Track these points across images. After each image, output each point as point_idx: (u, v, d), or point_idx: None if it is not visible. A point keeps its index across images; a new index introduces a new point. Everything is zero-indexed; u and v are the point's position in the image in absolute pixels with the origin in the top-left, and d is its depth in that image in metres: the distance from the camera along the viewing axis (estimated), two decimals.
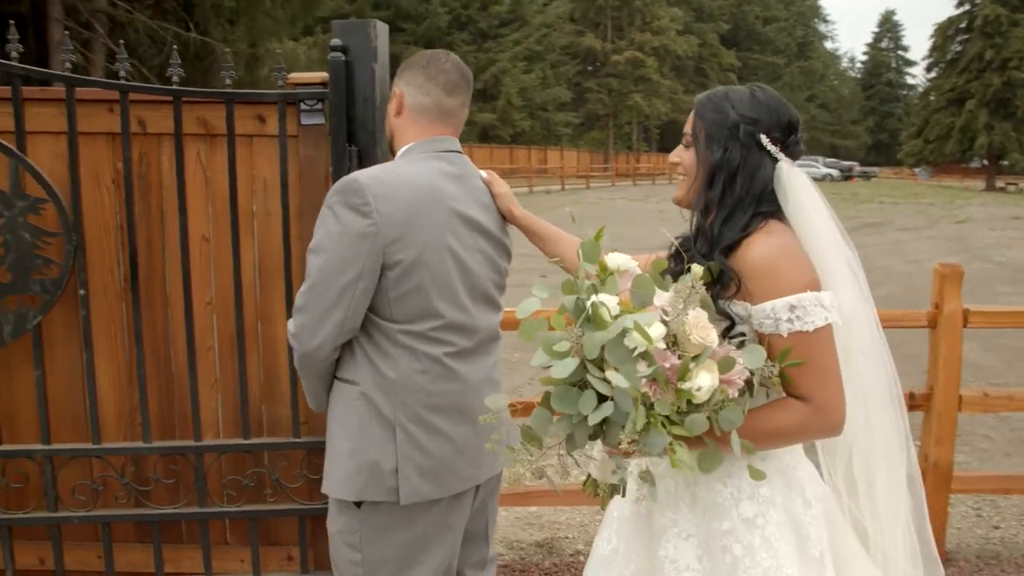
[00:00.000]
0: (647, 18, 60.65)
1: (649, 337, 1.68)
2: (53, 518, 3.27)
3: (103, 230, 3.29)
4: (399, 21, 51.82)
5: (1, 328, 3.18)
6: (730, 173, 1.97)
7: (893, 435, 2.08)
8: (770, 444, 1.93)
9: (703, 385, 1.70)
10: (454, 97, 2.33)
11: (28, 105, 3.20)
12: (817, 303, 1.86)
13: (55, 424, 3.31)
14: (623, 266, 1.86)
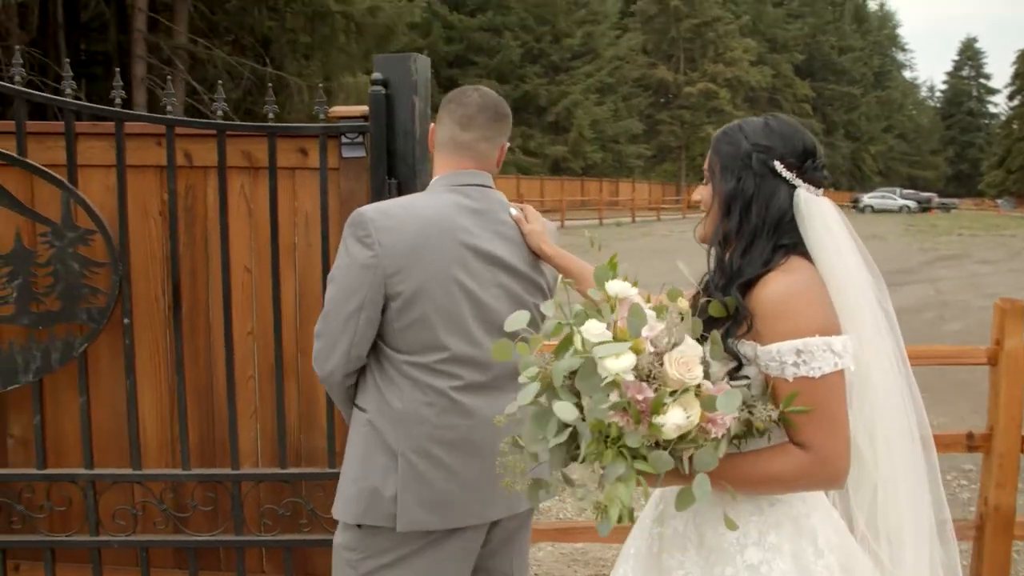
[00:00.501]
0: (720, 49, 60.42)
1: (609, 369, 1.66)
2: (94, 542, 3.33)
3: (150, 260, 3.36)
4: (471, 55, 52.49)
5: (49, 355, 3.27)
6: (745, 202, 1.93)
7: (915, 480, 1.99)
8: (764, 490, 1.88)
9: (668, 422, 1.65)
10: (469, 131, 2.37)
11: (81, 139, 3.31)
12: (826, 348, 1.80)
13: (100, 449, 3.39)
14: (622, 294, 1.81)
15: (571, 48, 52.93)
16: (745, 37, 64.27)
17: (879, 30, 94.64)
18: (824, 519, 1.97)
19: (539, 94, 51.28)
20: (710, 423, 1.69)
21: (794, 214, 1.93)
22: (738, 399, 1.72)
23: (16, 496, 3.36)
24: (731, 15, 62.46)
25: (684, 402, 1.68)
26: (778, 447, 1.84)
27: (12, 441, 3.45)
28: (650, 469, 1.67)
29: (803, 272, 1.88)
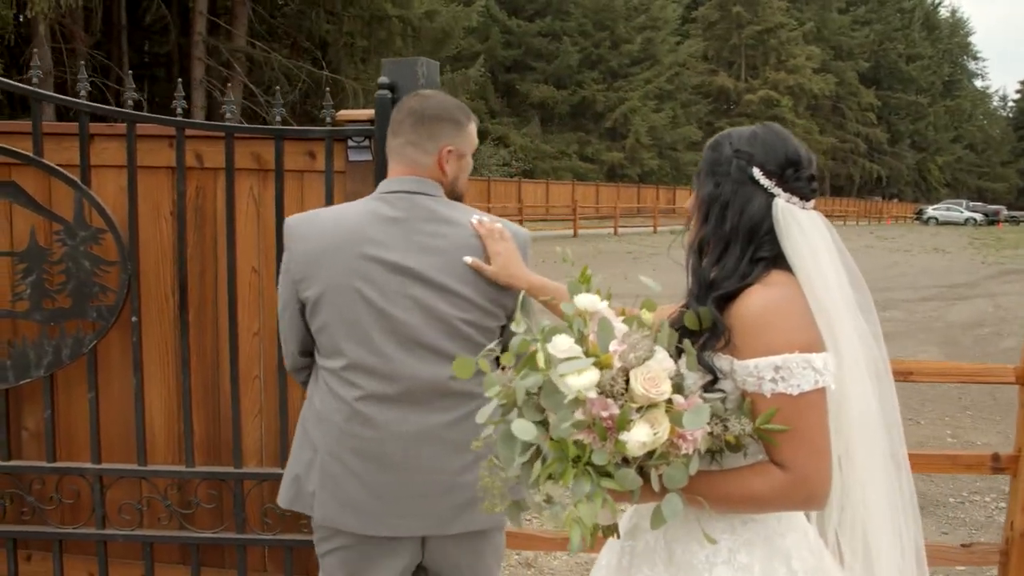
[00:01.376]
0: (782, 56, 59.74)
1: (568, 387, 1.64)
2: (100, 535, 3.40)
3: (161, 260, 3.42)
4: (529, 60, 52.65)
5: (60, 351, 3.34)
6: (720, 207, 1.90)
7: (890, 503, 1.92)
8: (740, 508, 1.84)
9: (632, 439, 1.62)
10: (396, 137, 2.41)
11: (96, 140, 3.38)
12: (806, 365, 1.75)
13: (109, 445, 3.45)
14: (590, 308, 1.79)
15: (630, 54, 52.83)
16: (809, 44, 63.45)
17: (950, 38, 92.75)
18: (799, 540, 1.93)
19: (596, 100, 51.25)
20: (680, 439, 1.66)
21: (773, 225, 1.89)
22: (706, 415, 1.68)
23: (27, 488, 3.44)
24: (795, 22, 61.73)
25: (651, 418, 1.65)
26: (757, 465, 1.81)
27: (26, 434, 3.52)
28: (617, 487, 1.64)
29: (784, 287, 1.84)
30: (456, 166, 2.44)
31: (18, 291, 3.34)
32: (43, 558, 3.53)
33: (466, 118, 2.47)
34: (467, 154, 2.48)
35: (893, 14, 77.06)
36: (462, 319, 2.31)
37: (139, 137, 3.32)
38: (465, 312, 2.32)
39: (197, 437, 3.43)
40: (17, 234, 3.39)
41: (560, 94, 51.43)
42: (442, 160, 2.40)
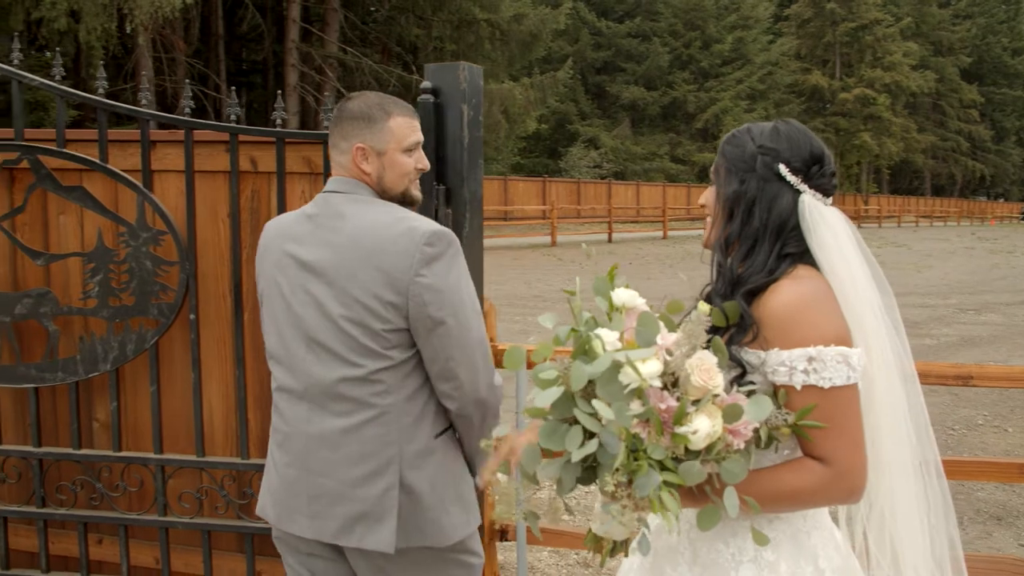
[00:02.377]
0: (879, 53, 58.18)
1: (640, 373, 1.62)
2: (161, 521, 3.57)
3: (219, 260, 3.57)
4: (619, 61, 52.49)
5: (125, 346, 3.52)
6: (747, 204, 1.91)
7: (917, 505, 1.91)
8: (782, 507, 1.83)
9: (700, 429, 1.61)
10: (330, 138, 2.49)
11: (160, 146, 3.56)
12: (842, 360, 1.75)
13: (173, 436, 3.62)
14: (628, 303, 1.78)
15: (721, 54, 52.19)
16: (907, 40, 61.67)
17: None
18: (827, 539, 1.92)
19: (687, 100, 50.80)
20: (732, 434, 1.66)
21: (799, 221, 1.90)
22: (768, 406, 1.68)
23: (96, 475, 3.64)
24: (891, 17, 60.03)
25: (707, 411, 1.64)
26: (795, 462, 1.81)
27: (97, 425, 3.72)
28: (679, 481, 1.62)
29: (814, 281, 1.85)
30: (377, 164, 2.42)
31: (87, 289, 3.54)
32: (113, 542, 3.72)
33: (383, 114, 2.42)
34: (387, 151, 2.42)
35: (997, 6, 74.27)
36: (345, 316, 2.30)
37: (197, 143, 3.49)
38: (349, 310, 2.30)
39: (253, 431, 3.57)
40: (87, 236, 3.59)
41: (650, 95, 51.12)
42: (356, 159, 2.41)
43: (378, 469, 2.32)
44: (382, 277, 2.27)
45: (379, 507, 2.31)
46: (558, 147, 49.48)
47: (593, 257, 2.15)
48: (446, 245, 2.32)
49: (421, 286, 2.26)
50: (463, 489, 2.45)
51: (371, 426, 2.32)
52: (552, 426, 1.65)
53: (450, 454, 2.43)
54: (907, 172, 72.79)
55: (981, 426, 7.74)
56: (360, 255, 2.30)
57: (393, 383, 2.32)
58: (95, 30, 18.48)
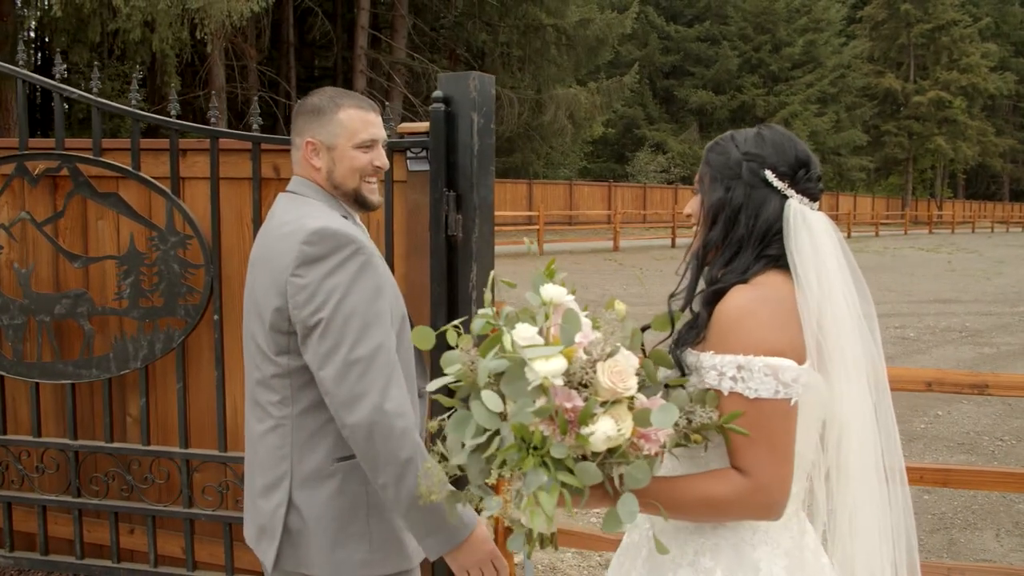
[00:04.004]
0: (955, 55, 56.74)
1: (536, 370, 1.60)
2: (186, 513, 3.74)
3: (243, 264, 3.71)
4: (688, 65, 52.17)
5: (153, 345, 3.70)
6: (732, 211, 1.89)
7: (877, 517, 1.88)
8: (696, 515, 1.82)
9: (597, 431, 1.58)
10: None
11: (190, 155, 3.74)
12: (769, 372, 1.73)
13: (200, 431, 3.79)
14: (556, 299, 1.74)
15: (791, 57, 51.49)
16: (986, 41, 60.09)
17: None
18: (773, 555, 1.86)
19: (756, 104, 50.19)
20: (642, 439, 1.64)
21: (782, 225, 1.87)
22: (674, 414, 1.65)
23: (126, 468, 3.82)
24: (969, 18, 58.53)
25: (615, 413, 1.62)
26: (717, 471, 1.80)
27: (130, 420, 3.91)
28: (575, 482, 1.59)
29: (770, 289, 1.83)
30: (327, 159, 2.31)
31: (120, 291, 3.72)
32: (143, 532, 3.89)
33: (334, 106, 2.31)
34: (337, 145, 2.30)
35: None
36: (249, 318, 2.32)
37: (224, 151, 3.64)
38: (250, 312, 2.32)
39: None
40: (122, 240, 3.78)
41: (719, 99, 50.65)
42: (305, 154, 2.33)
43: (274, 482, 2.25)
44: (270, 277, 2.19)
45: (271, 522, 2.24)
46: (625, 152, 49.35)
47: (532, 250, 2.21)
48: (332, 247, 2.13)
49: (295, 286, 2.13)
50: (374, 526, 2.24)
51: (271, 436, 2.25)
52: (461, 416, 1.66)
53: (356, 484, 2.22)
54: (984, 177, 70.82)
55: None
56: (260, 255, 2.28)
57: (287, 393, 2.21)
58: (167, 39, 18.99)
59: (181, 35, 19.88)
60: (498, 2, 31.02)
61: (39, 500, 3.92)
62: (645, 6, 47.29)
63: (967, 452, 7.16)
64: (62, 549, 4.02)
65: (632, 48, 48.39)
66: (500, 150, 35.03)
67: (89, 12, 18.36)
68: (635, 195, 41.62)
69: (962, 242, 37.80)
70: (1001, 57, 61.02)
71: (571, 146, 40.45)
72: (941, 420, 8.09)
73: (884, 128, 56.86)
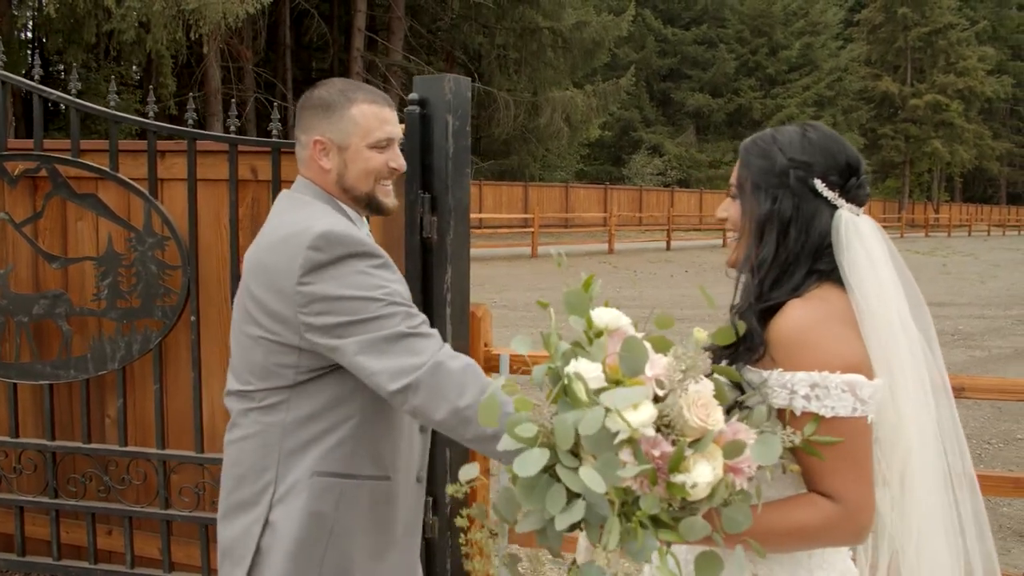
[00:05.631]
0: (952, 58, 56.74)
1: (629, 423, 1.38)
2: (162, 514, 3.74)
3: (221, 265, 3.72)
4: (685, 68, 52.24)
5: (131, 346, 3.70)
6: (782, 226, 1.75)
7: (943, 539, 1.75)
8: (787, 546, 1.68)
9: (699, 482, 1.39)
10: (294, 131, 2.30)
11: (168, 156, 3.74)
12: (848, 389, 1.62)
13: (178, 433, 3.78)
14: (612, 324, 1.52)
15: (788, 60, 51.58)
16: (982, 44, 60.13)
17: None
18: None
19: (753, 107, 50.27)
20: (732, 471, 1.46)
21: (832, 238, 1.76)
22: (777, 447, 1.49)
23: (103, 468, 3.82)
24: (966, 21, 58.59)
25: (707, 454, 1.43)
26: (802, 497, 1.68)
27: (108, 421, 3.91)
28: (677, 539, 1.43)
29: (829, 303, 1.73)
30: (338, 160, 2.15)
31: (98, 292, 3.72)
32: (121, 533, 3.89)
33: (346, 101, 2.14)
34: (350, 145, 2.14)
35: None
36: (245, 319, 2.16)
37: (202, 153, 3.65)
38: (242, 316, 2.17)
39: None
40: (101, 241, 3.78)
41: (716, 102, 50.74)
42: (314, 154, 2.16)
43: (251, 498, 2.19)
44: (269, 281, 2.05)
45: (243, 542, 2.18)
46: (622, 154, 49.40)
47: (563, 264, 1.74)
48: (341, 252, 2.02)
49: (305, 296, 2.00)
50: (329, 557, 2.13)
51: (250, 443, 2.16)
52: (531, 480, 1.41)
53: (326, 505, 2.12)
54: (981, 180, 70.91)
55: (1020, 440, 7.60)
56: (258, 259, 2.11)
57: (283, 398, 2.11)
58: (162, 40, 19.01)
59: (176, 36, 19.88)
60: (494, 5, 31.05)
61: (16, 501, 3.91)
62: (642, 9, 47.33)
63: None
64: (40, 550, 4.02)
65: (629, 51, 48.44)
66: (496, 152, 35.11)
67: (84, 13, 18.39)
68: (631, 198, 41.65)
69: (958, 245, 37.85)
70: (998, 60, 61.03)
71: (567, 149, 40.52)
72: None
73: (881, 131, 56.82)
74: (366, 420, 2.12)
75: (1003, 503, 5.96)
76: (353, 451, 2.11)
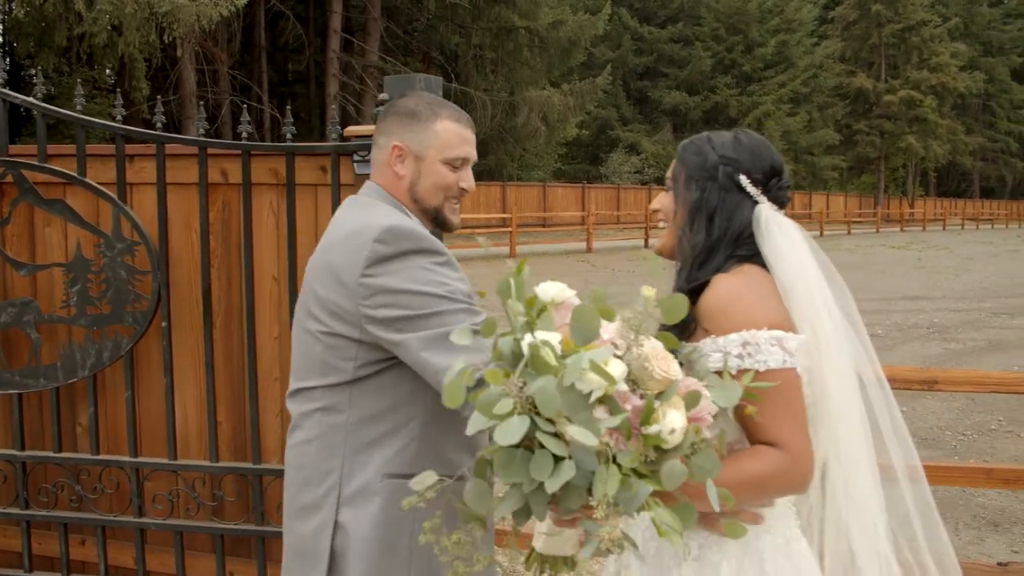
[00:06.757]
0: (925, 55, 57.24)
1: (610, 377, 1.44)
2: (136, 523, 3.69)
3: (193, 270, 3.68)
4: (661, 66, 52.30)
5: (101, 353, 3.65)
6: (708, 214, 1.95)
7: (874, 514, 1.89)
8: (745, 497, 1.80)
9: (676, 426, 1.48)
10: (374, 134, 2.32)
11: (138, 160, 3.69)
12: (775, 343, 1.78)
13: (151, 440, 3.74)
14: (558, 297, 1.60)
15: (763, 58, 51.75)
16: (955, 41, 60.65)
17: None
18: (776, 544, 1.90)
19: (729, 105, 50.42)
20: (696, 421, 1.54)
21: (754, 229, 1.95)
22: (737, 390, 1.64)
23: (75, 478, 3.77)
24: (939, 18, 59.06)
25: (672, 404, 1.51)
26: (751, 449, 1.81)
27: (80, 429, 3.86)
28: (659, 487, 1.48)
29: (755, 275, 1.91)
30: (413, 169, 2.18)
31: (67, 299, 3.67)
32: (95, 543, 3.84)
33: (431, 114, 2.18)
34: (427, 156, 2.17)
35: None
36: (308, 317, 2.15)
37: (171, 156, 3.61)
38: (305, 315, 2.16)
39: (226, 435, 3.69)
40: (70, 247, 3.73)
41: (692, 100, 50.84)
42: (391, 158, 2.19)
43: (315, 501, 2.14)
44: (333, 277, 2.05)
45: (314, 546, 2.14)
46: (599, 153, 49.44)
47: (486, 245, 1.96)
48: (408, 247, 2.02)
49: (369, 288, 1.99)
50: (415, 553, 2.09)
51: (314, 446, 2.13)
52: (506, 455, 1.44)
53: None
54: (955, 175, 71.48)
55: (994, 431, 7.65)
56: (322, 259, 2.11)
57: (344, 398, 2.09)
58: (133, 43, 18.82)
59: (150, 39, 19.68)
60: (471, 5, 30.97)
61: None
62: (618, 7, 47.37)
63: (930, 447, 7.20)
64: (11, 562, 3.96)
65: (605, 49, 48.47)
66: None
67: (54, 16, 18.19)
68: (609, 196, 41.68)
69: (933, 239, 38.14)
70: (970, 57, 61.58)
71: (545, 148, 40.47)
72: (905, 416, 8.02)
73: (856, 127, 57.24)
74: (429, 420, 2.10)
75: (977, 493, 5.99)
76: (418, 452, 2.10)
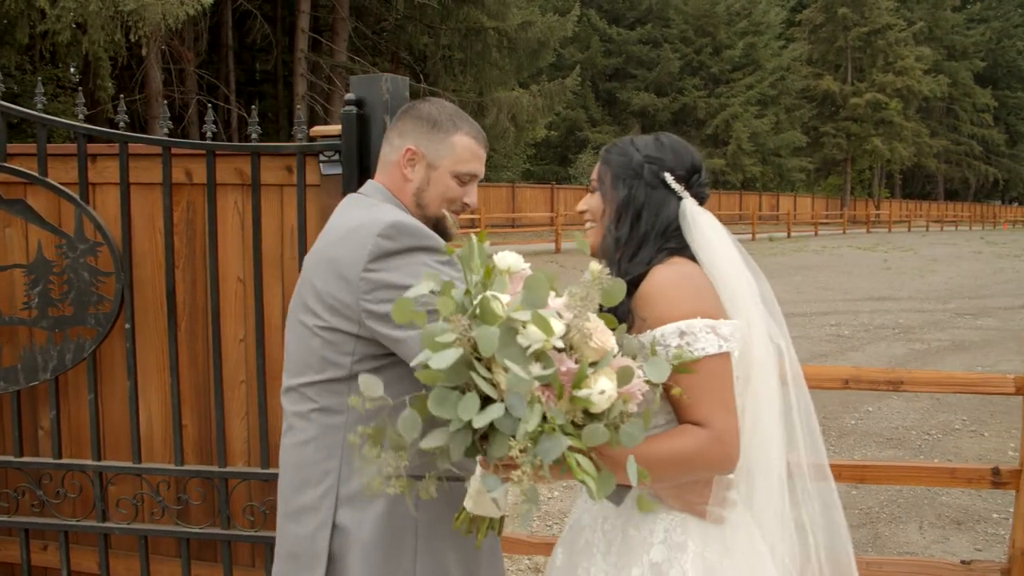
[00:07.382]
0: (891, 58, 57.90)
1: (550, 329, 1.56)
2: (99, 527, 3.64)
3: (157, 271, 3.64)
4: (630, 68, 52.49)
5: (64, 356, 3.60)
6: (635, 210, 2.06)
7: (777, 498, 2.00)
8: (667, 473, 1.88)
9: (606, 390, 1.59)
10: (386, 133, 2.35)
11: (101, 160, 3.64)
12: (710, 330, 1.88)
13: (115, 444, 3.69)
14: (514, 267, 1.71)
15: (731, 60, 52.08)
16: (920, 45, 61.37)
17: None
18: (739, 522, 2.00)
19: (698, 106, 50.72)
20: (629, 395, 1.66)
21: (680, 223, 2.07)
22: (666, 366, 1.73)
23: (36, 482, 3.71)
24: (904, 22, 59.77)
25: (605, 374, 1.63)
26: (676, 427, 1.91)
27: (42, 432, 3.80)
28: (580, 445, 1.58)
29: (686, 266, 2.01)
30: (423, 175, 2.22)
31: (27, 300, 3.62)
32: (58, 548, 3.79)
33: (452, 126, 2.22)
34: (440, 166, 2.21)
35: (1013, 10, 73.61)
36: (304, 313, 2.15)
37: (135, 156, 3.56)
38: (300, 312, 2.17)
39: (191, 437, 3.65)
40: (31, 248, 3.67)
41: (661, 101, 51.08)
42: (403, 160, 2.21)
43: (311, 503, 2.13)
44: (333, 273, 2.05)
45: (310, 548, 2.13)
46: (568, 154, 49.51)
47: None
48: (412, 243, 2.05)
49: (371, 282, 2.00)
50: (421, 555, 2.11)
51: (311, 447, 2.12)
52: (441, 393, 1.57)
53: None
54: (920, 177, 72.42)
55: (958, 431, 7.74)
56: (320, 256, 2.12)
57: (342, 398, 2.07)
58: (98, 42, 18.59)
59: (115, 38, 19.45)
60: (439, 5, 30.87)
61: None
62: (587, 9, 47.54)
63: (895, 447, 7.27)
64: None
65: (574, 51, 48.57)
66: None
67: (15, 13, 17.91)
68: (578, 197, 41.68)
69: (898, 240, 38.55)
70: (934, 60, 62.36)
71: (513, 149, 40.48)
72: (871, 416, 8.22)
73: (823, 129, 57.77)
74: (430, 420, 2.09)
75: (941, 492, 6.06)
76: (418, 452, 2.06)
